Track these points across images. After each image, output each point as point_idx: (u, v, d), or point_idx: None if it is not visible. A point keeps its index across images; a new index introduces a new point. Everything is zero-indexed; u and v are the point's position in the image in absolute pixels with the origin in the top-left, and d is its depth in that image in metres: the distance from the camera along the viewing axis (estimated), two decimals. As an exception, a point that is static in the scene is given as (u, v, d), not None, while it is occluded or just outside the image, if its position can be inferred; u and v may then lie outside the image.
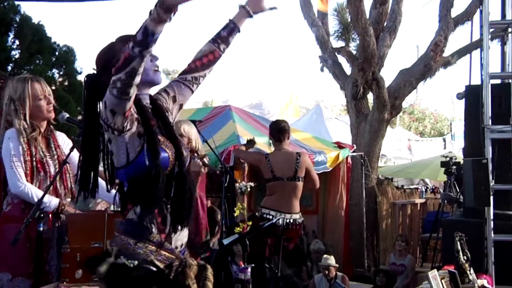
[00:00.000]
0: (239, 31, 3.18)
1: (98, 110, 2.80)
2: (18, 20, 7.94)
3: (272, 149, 7.30)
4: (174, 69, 31.89)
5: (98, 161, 2.89)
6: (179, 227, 2.86)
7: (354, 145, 11.25)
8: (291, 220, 6.82)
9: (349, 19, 12.29)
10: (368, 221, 10.89)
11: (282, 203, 6.79)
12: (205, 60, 3.11)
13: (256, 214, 7.05)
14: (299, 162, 6.84)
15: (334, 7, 13.28)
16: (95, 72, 2.90)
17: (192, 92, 3.12)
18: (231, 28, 3.16)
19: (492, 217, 6.00)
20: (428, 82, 11.97)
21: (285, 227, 6.78)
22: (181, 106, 3.12)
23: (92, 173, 2.90)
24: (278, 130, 7.03)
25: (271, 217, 6.67)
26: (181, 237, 2.90)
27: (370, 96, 12.54)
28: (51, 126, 4.46)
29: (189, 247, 3.03)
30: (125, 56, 2.55)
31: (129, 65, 2.55)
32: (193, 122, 6.19)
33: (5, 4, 7.79)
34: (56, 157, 4.32)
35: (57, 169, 4.21)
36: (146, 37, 2.50)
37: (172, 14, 2.49)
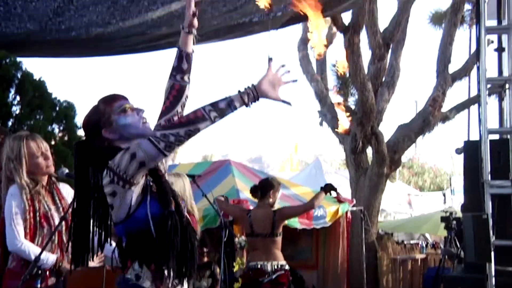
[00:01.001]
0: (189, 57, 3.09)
1: (89, 175, 2.79)
2: (19, 76, 8.00)
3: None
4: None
5: (90, 227, 2.87)
6: (183, 281, 2.83)
7: (354, 199, 11.22)
8: (279, 266, 6.73)
9: (347, 74, 12.41)
10: (368, 277, 10.78)
11: (267, 255, 6.72)
12: (171, 97, 3.06)
13: (244, 270, 7.00)
14: (276, 218, 6.75)
15: (332, 62, 13.44)
16: (84, 138, 2.92)
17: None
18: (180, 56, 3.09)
19: (493, 274, 5.94)
20: (427, 136, 12.03)
21: (274, 271, 6.74)
22: None
23: (84, 240, 2.88)
24: (262, 185, 7.03)
25: (259, 266, 6.61)
26: None
27: (369, 151, 12.57)
28: (53, 179, 4.46)
29: None
30: (196, 115, 2.59)
31: (195, 124, 2.59)
32: (192, 176, 6.19)
33: (7, 60, 7.86)
34: (61, 209, 4.32)
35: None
36: (228, 109, 2.62)
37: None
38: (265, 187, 6.98)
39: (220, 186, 9.05)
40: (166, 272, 2.75)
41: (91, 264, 5.15)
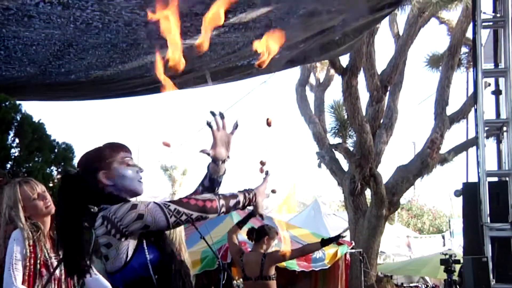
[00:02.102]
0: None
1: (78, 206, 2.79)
2: (18, 118, 8.03)
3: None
4: (172, 165, 31.96)
5: (82, 248, 2.85)
6: None
7: (353, 241, 11.17)
8: None
9: (345, 116, 12.46)
10: (368, 320, 10.69)
11: None
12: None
13: None
14: (264, 262, 6.77)
15: (330, 104, 13.52)
16: (75, 171, 2.92)
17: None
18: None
19: (494, 317, 5.89)
20: (426, 178, 12.03)
21: None
22: None
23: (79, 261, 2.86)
24: (258, 231, 7.14)
25: None
26: None
27: (367, 192, 12.56)
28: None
29: None
30: (211, 206, 2.70)
31: (207, 214, 2.71)
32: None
33: (7, 103, 7.89)
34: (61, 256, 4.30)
35: (63, 269, 4.19)
36: (233, 209, 2.77)
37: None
38: (260, 233, 7.06)
39: (218, 228, 9.01)
40: None
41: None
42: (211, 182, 3.05)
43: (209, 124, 2.92)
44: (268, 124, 3.10)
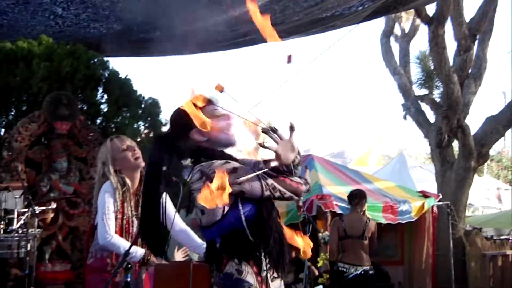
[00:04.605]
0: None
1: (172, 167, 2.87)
2: (106, 75, 8.22)
3: None
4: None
5: (159, 216, 2.91)
6: (276, 274, 2.85)
7: (440, 194, 10.98)
8: (362, 272, 7.22)
9: (432, 67, 12.18)
10: (456, 273, 10.53)
11: (354, 258, 7.24)
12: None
13: (334, 268, 7.38)
14: (367, 225, 7.28)
15: (416, 54, 13.24)
16: (166, 132, 3.01)
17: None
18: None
19: None
20: (517, 129, 11.65)
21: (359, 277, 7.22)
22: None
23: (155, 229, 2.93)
24: (349, 196, 7.58)
25: (345, 269, 7.17)
26: (279, 284, 2.88)
27: (455, 144, 12.30)
28: None
29: None
30: (301, 190, 2.79)
31: (297, 196, 2.79)
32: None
33: (95, 60, 8.08)
34: None
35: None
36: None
37: None
38: (352, 197, 7.49)
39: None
40: (264, 265, 2.79)
41: (177, 258, 5.26)
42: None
43: (262, 146, 2.82)
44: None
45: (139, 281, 4.32)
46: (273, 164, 2.75)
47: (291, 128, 2.77)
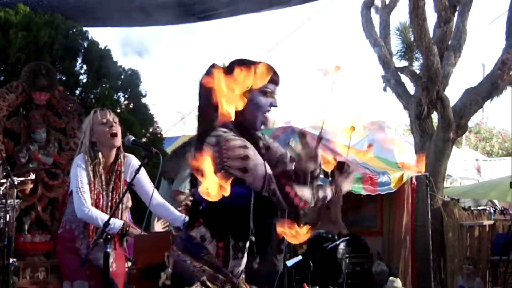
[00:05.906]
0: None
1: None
2: (86, 45, 8.14)
3: None
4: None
5: None
6: (241, 255, 2.86)
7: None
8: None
9: (412, 38, 12.19)
10: (434, 243, 10.65)
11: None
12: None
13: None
14: None
15: (396, 26, 13.23)
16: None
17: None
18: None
19: None
20: (495, 100, 11.71)
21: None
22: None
23: None
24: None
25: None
26: (240, 263, 2.88)
27: (434, 116, 12.35)
28: (121, 156, 4.54)
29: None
30: (297, 204, 2.72)
31: (290, 207, 2.73)
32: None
33: (74, 30, 7.99)
34: (111, 197, 4.44)
35: (112, 205, 4.35)
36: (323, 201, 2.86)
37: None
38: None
39: (283, 153, 9.08)
40: (231, 245, 2.80)
41: (156, 228, 5.29)
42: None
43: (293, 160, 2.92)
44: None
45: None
46: (291, 166, 2.75)
47: (319, 139, 2.77)
